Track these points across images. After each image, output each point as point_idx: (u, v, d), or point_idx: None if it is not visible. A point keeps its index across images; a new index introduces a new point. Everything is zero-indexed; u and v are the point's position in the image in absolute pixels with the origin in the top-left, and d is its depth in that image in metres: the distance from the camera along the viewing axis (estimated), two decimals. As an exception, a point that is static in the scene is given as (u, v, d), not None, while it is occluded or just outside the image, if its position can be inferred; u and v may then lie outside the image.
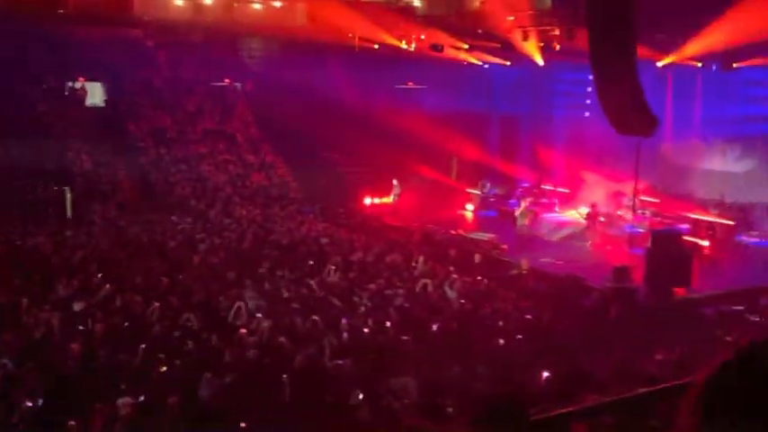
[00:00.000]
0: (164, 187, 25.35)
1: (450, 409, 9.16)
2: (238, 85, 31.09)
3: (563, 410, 2.71)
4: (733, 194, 23.60)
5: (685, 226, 21.87)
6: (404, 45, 26.72)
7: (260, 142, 29.19)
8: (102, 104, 28.89)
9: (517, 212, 21.79)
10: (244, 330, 12.02)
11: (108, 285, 14.00)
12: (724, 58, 22.28)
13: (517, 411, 2.42)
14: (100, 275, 14.93)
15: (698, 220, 22.13)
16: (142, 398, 9.54)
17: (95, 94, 28.94)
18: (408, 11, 28.28)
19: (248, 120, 30.00)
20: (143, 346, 10.89)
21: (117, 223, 21.23)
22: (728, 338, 13.25)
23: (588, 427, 6.29)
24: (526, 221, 21.21)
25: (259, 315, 12.82)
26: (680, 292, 17.15)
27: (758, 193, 23.30)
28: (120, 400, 9.21)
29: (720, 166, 24.38)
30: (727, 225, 21.90)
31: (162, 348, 11.06)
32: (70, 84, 28.47)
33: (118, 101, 28.64)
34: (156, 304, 12.93)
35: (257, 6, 34.10)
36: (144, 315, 12.80)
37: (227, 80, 30.84)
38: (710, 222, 21.72)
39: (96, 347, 11.19)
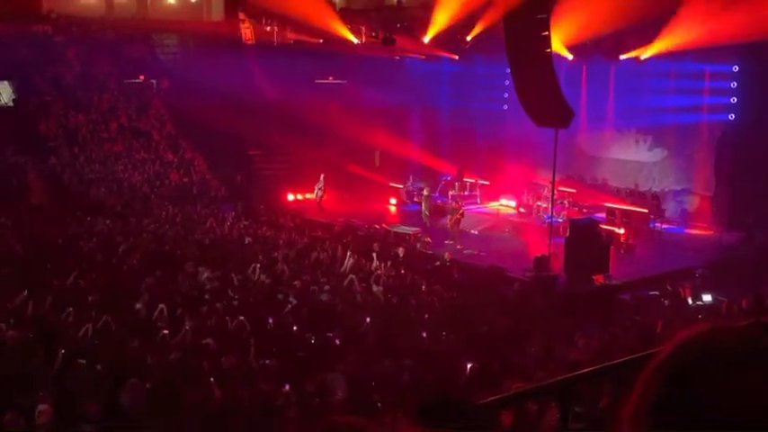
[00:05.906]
0: (78, 188, 24.55)
1: (380, 404, 9.17)
2: (153, 81, 30.33)
3: (489, 399, 2.72)
4: (646, 183, 24.42)
5: (602, 215, 22.51)
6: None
7: (177, 140, 28.57)
8: (11, 104, 27.79)
9: (423, 205, 22.83)
10: (166, 332, 11.75)
11: (26, 292, 13.46)
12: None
13: (461, 402, 2.41)
14: (14, 279, 14.36)
15: (613, 208, 22.78)
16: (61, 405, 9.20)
17: (3, 93, 27.80)
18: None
19: (164, 117, 29.30)
20: (62, 351, 10.50)
21: (30, 226, 20.46)
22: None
23: (514, 415, 6.39)
24: (428, 212, 22.34)
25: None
26: (598, 279, 17.63)
27: (669, 181, 24.17)
28: (39, 408, 8.87)
29: (633, 155, 25.14)
30: (641, 213, 22.61)
31: (81, 353, 10.70)
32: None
33: (27, 99, 27.59)
34: (70, 309, 12.51)
35: (172, 1, 33.42)
36: (61, 319, 12.38)
37: (141, 77, 30.04)
38: (625, 210, 22.38)
39: (9, 353, 10.75)
